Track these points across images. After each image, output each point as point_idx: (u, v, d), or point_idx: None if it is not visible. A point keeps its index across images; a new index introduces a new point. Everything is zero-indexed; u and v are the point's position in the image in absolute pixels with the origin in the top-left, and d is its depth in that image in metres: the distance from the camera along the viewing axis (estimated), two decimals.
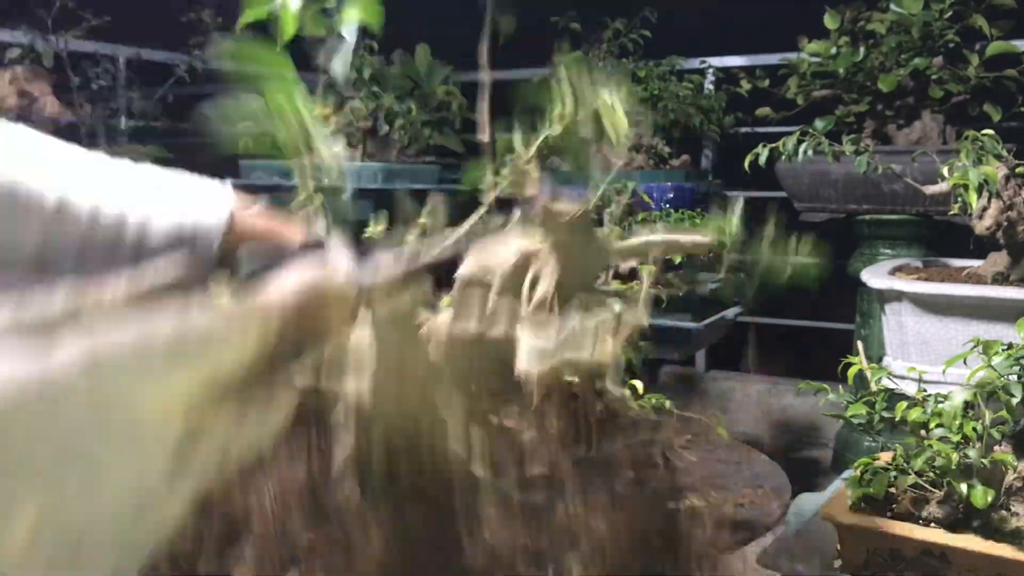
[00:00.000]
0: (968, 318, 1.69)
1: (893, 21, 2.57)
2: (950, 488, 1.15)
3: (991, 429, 1.13)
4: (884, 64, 2.58)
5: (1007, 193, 1.69)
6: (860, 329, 2.66)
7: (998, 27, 2.42)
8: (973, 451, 1.13)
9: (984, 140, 1.64)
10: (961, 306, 1.70)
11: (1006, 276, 1.77)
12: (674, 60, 3.28)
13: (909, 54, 2.55)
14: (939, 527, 1.16)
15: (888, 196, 2.49)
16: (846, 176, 2.50)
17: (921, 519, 1.18)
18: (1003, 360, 1.14)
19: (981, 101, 2.52)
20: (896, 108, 2.61)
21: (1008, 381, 1.12)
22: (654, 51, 3.25)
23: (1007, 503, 1.14)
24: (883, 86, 2.52)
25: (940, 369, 1.30)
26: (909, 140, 2.59)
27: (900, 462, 1.23)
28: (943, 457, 1.14)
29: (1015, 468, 1.13)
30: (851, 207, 2.59)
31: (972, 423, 1.14)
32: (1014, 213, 1.70)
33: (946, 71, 2.52)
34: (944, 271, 2.01)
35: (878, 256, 2.60)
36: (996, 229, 1.72)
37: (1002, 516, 1.13)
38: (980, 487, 1.11)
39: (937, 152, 2.05)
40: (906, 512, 1.19)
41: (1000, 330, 1.64)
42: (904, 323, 1.77)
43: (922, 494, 1.19)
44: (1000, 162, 1.65)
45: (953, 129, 2.57)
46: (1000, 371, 1.13)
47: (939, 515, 1.17)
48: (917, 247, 2.58)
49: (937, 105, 2.55)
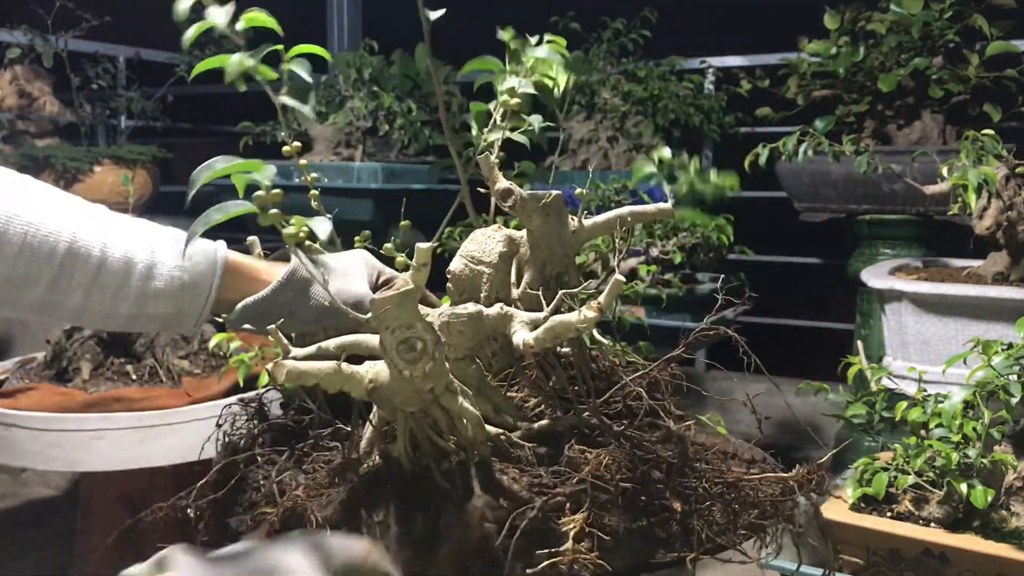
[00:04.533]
0: (968, 318, 1.69)
1: (893, 21, 2.57)
2: (950, 488, 1.15)
3: (991, 429, 1.13)
4: (884, 64, 2.58)
5: (1007, 193, 1.69)
6: (860, 329, 2.65)
7: (998, 27, 2.42)
8: (973, 451, 1.13)
9: (984, 140, 1.64)
10: (961, 306, 1.70)
11: (1006, 276, 1.77)
12: (674, 60, 3.28)
13: (909, 54, 2.55)
14: (939, 527, 1.16)
15: (888, 196, 2.49)
16: (846, 176, 2.50)
17: (921, 519, 1.18)
18: (1003, 360, 1.14)
19: (981, 101, 2.52)
20: (896, 108, 2.61)
21: (1008, 381, 1.12)
22: (654, 51, 3.25)
23: (1007, 503, 1.14)
24: (883, 86, 2.52)
25: (940, 369, 1.30)
26: (909, 140, 2.58)
27: (900, 462, 1.23)
28: (943, 457, 1.14)
29: (1015, 468, 1.13)
30: (851, 207, 2.59)
31: (972, 423, 1.14)
32: (1014, 213, 1.70)
33: (946, 71, 2.51)
34: (944, 271, 2.01)
35: (878, 256, 2.60)
36: (996, 229, 1.72)
37: (1002, 516, 1.13)
38: (980, 487, 1.11)
39: (937, 152, 2.05)
40: (906, 512, 1.19)
41: (1000, 330, 1.64)
42: (904, 323, 1.77)
43: (922, 494, 1.19)
44: (1000, 162, 1.65)
45: (953, 129, 2.57)
46: (1000, 371, 1.13)
47: (939, 515, 1.17)
48: (917, 247, 2.58)
49: (937, 105, 2.55)
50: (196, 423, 1.66)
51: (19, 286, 0.85)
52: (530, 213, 0.86)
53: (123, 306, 0.89)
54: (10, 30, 3.18)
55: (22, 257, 0.83)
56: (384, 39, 3.41)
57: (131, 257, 0.88)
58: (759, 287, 2.85)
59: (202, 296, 0.90)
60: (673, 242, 2.39)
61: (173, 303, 0.90)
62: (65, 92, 3.35)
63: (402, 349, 0.72)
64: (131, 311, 0.89)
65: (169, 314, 0.91)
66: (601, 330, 0.99)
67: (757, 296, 1.34)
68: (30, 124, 3.40)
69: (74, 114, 3.35)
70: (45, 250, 0.84)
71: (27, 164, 3.10)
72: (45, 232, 0.84)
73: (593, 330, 0.96)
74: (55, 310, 0.88)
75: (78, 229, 0.86)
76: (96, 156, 3.10)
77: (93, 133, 3.39)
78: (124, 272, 0.87)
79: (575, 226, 0.87)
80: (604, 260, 1.73)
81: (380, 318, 0.72)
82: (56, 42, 3.17)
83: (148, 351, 1.84)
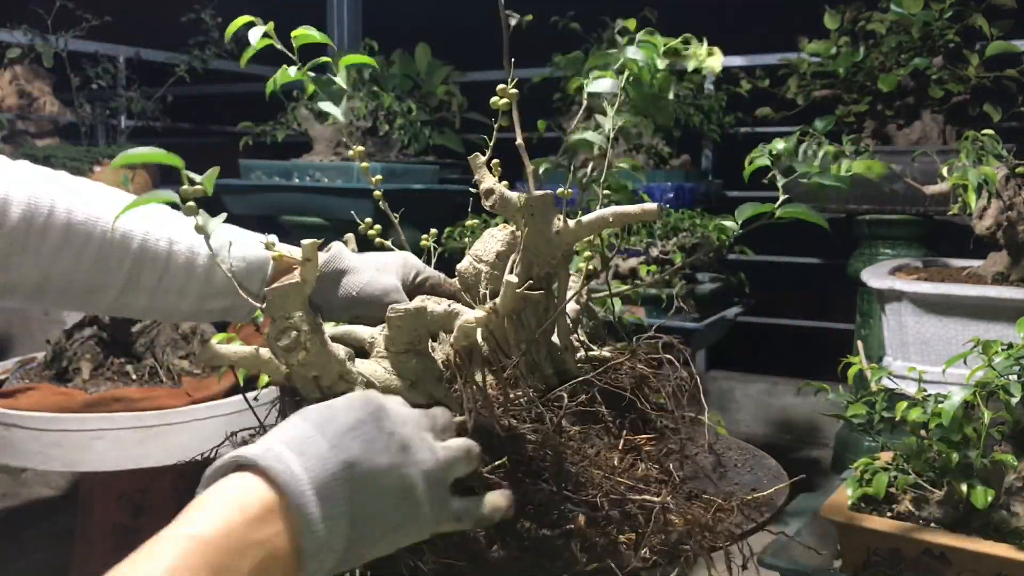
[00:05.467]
0: (968, 318, 1.69)
1: (893, 21, 2.57)
2: (950, 488, 1.15)
3: (991, 429, 1.13)
4: (884, 64, 2.58)
5: (1007, 193, 1.69)
6: (860, 329, 2.66)
7: (998, 27, 2.42)
8: (973, 451, 1.13)
9: (984, 140, 1.64)
10: (961, 306, 1.70)
11: (1006, 276, 1.77)
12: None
13: (909, 54, 2.55)
14: (939, 527, 1.16)
15: (888, 196, 2.49)
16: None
17: (921, 519, 1.18)
18: (1003, 360, 1.14)
19: (981, 101, 2.52)
20: (896, 108, 2.61)
21: (1008, 381, 1.12)
22: None
23: (1007, 503, 1.14)
24: (883, 86, 2.52)
25: (940, 369, 1.30)
26: (909, 140, 2.58)
27: (900, 462, 1.23)
28: (943, 457, 1.14)
29: (1015, 468, 1.13)
30: (851, 207, 2.59)
31: (972, 423, 1.14)
32: (1014, 213, 1.70)
33: (946, 71, 2.51)
34: (944, 271, 2.01)
35: (878, 256, 2.60)
36: (996, 229, 1.72)
37: (1002, 516, 1.13)
38: (980, 487, 1.11)
39: (937, 152, 2.05)
40: (906, 512, 1.19)
41: (1000, 330, 1.64)
42: (904, 323, 1.77)
43: (922, 494, 1.19)
44: (1000, 162, 1.65)
45: (953, 129, 2.57)
46: (1000, 371, 1.13)
47: (939, 515, 1.17)
48: (917, 247, 2.58)
49: (937, 105, 2.55)
50: (196, 423, 1.66)
51: (95, 292, 0.88)
52: (512, 213, 0.86)
53: (185, 303, 0.92)
54: (10, 30, 3.17)
55: (98, 264, 0.86)
56: (384, 39, 3.41)
57: (193, 258, 0.90)
58: (759, 287, 2.87)
59: (255, 289, 0.92)
60: (673, 242, 2.39)
61: (229, 298, 0.92)
62: (65, 92, 3.35)
63: (279, 337, 0.76)
64: (192, 308, 0.92)
65: (224, 307, 0.94)
66: (605, 331, 0.99)
67: (757, 296, 1.34)
68: (30, 124, 3.40)
69: (74, 114, 3.35)
70: (117, 256, 0.86)
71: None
72: (119, 238, 0.86)
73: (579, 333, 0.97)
74: (123, 310, 0.92)
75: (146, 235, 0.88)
76: (96, 156, 3.10)
77: (93, 133, 3.39)
78: (185, 274, 0.90)
79: (559, 227, 0.87)
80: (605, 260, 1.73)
81: (268, 308, 0.76)
82: (56, 42, 3.17)
83: (148, 351, 1.84)
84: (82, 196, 0.86)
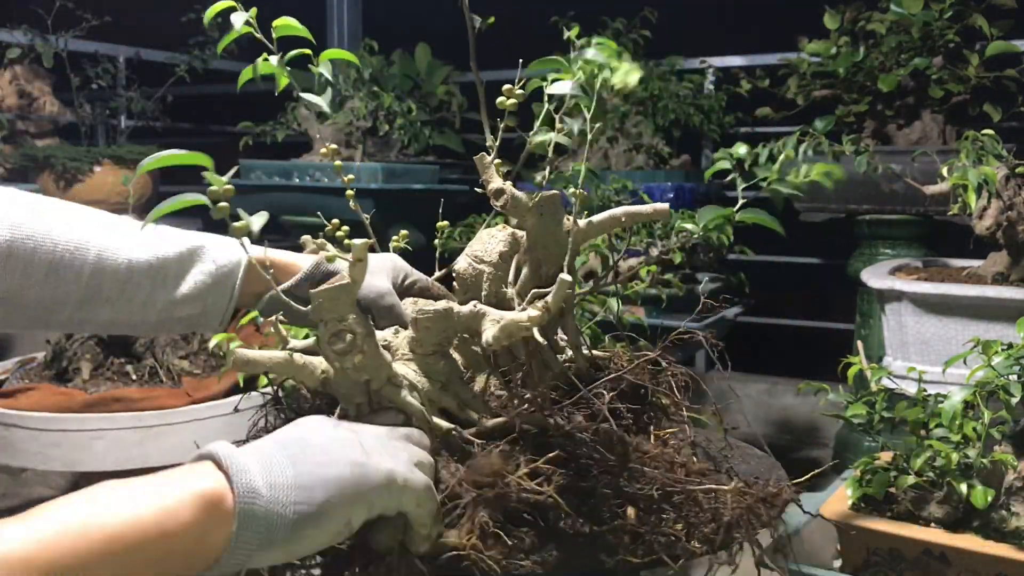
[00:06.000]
0: (968, 318, 1.69)
1: (893, 21, 2.57)
2: (950, 488, 1.15)
3: (991, 429, 1.13)
4: (884, 64, 2.58)
5: (1007, 193, 1.69)
6: (860, 329, 2.65)
7: (998, 27, 2.41)
8: (973, 451, 1.13)
9: (984, 140, 1.64)
10: (961, 306, 1.70)
11: (1006, 276, 1.77)
12: (674, 60, 3.28)
13: (909, 54, 2.55)
14: (939, 527, 1.16)
15: (888, 196, 2.49)
16: (846, 176, 2.49)
17: (921, 519, 1.18)
18: (1003, 360, 1.14)
19: (981, 101, 2.52)
20: (896, 108, 2.61)
21: (1008, 381, 1.12)
22: (654, 51, 3.25)
23: (1007, 503, 1.14)
24: (883, 86, 2.52)
25: (940, 369, 1.30)
26: (909, 140, 2.58)
27: (900, 462, 1.23)
28: (943, 457, 1.14)
29: (1015, 468, 1.13)
30: (851, 207, 2.59)
31: (972, 423, 1.14)
32: (1014, 213, 1.70)
33: (946, 71, 2.51)
34: (944, 271, 2.01)
35: (878, 256, 2.60)
36: (996, 229, 1.72)
37: (1002, 516, 1.13)
38: (980, 487, 1.11)
39: (937, 152, 2.05)
40: (906, 512, 1.19)
41: (1000, 330, 1.64)
42: (904, 323, 1.77)
43: (922, 494, 1.19)
44: (1000, 162, 1.65)
45: (953, 129, 2.57)
46: (1000, 371, 1.13)
47: (939, 515, 1.17)
48: (917, 247, 2.58)
49: (937, 105, 2.55)
50: (196, 423, 1.66)
51: (49, 308, 0.86)
52: (523, 213, 0.86)
53: (151, 314, 0.90)
54: (10, 30, 3.17)
55: (50, 279, 0.84)
56: (384, 39, 3.41)
57: (157, 267, 0.89)
58: (759, 287, 2.86)
59: (226, 296, 0.91)
60: (673, 242, 2.39)
61: (198, 305, 0.91)
62: (65, 92, 3.34)
63: (333, 341, 0.74)
64: (159, 318, 0.91)
65: (195, 315, 0.92)
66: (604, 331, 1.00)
67: (757, 296, 1.34)
68: (30, 124, 3.40)
69: (74, 114, 3.35)
70: (73, 270, 0.85)
71: (27, 164, 3.09)
72: (72, 250, 0.85)
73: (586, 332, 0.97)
74: (85, 326, 0.90)
75: (103, 247, 0.86)
76: (96, 156, 3.10)
77: (93, 133, 3.39)
78: (150, 283, 0.88)
79: (569, 226, 0.86)
80: (604, 259, 1.73)
81: (315, 311, 0.74)
82: (56, 42, 3.17)
83: (148, 351, 1.84)
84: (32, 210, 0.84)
